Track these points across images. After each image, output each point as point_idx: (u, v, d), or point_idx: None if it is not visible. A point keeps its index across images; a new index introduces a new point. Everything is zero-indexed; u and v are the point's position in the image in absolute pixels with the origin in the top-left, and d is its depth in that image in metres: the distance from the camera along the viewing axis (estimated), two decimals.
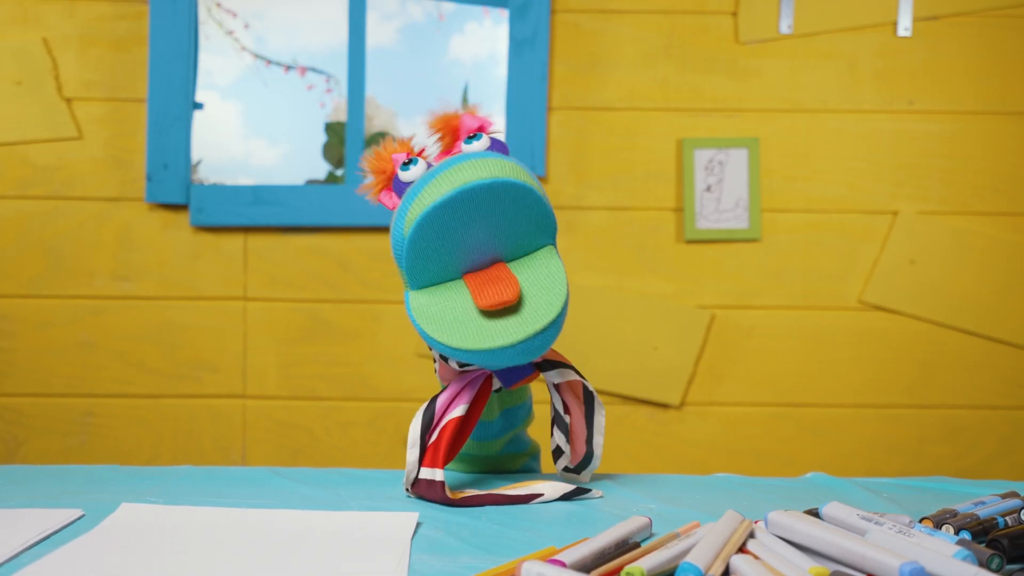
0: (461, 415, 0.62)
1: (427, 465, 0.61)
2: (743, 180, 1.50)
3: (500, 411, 0.69)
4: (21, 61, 1.48)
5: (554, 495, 0.62)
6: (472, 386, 0.63)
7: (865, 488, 0.65)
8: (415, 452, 0.61)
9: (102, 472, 0.67)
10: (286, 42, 1.66)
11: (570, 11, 1.51)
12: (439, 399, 0.63)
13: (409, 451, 0.62)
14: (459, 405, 0.62)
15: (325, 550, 0.48)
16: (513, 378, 0.63)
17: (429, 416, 0.62)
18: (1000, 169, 1.50)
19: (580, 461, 0.66)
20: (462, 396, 0.63)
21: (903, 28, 1.50)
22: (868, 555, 0.40)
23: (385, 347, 1.51)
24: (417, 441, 0.61)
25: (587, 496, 0.63)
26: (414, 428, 0.62)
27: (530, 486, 0.62)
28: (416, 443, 0.61)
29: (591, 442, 0.65)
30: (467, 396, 0.62)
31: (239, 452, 1.50)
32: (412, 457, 0.61)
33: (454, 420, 0.61)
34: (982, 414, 1.51)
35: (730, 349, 1.51)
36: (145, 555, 0.47)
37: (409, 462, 0.62)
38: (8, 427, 1.50)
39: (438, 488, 0.60)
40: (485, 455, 0.72)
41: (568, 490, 0.62)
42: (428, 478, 0.60)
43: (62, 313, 1.50)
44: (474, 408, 0.63)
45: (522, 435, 0.74)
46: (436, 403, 0.63)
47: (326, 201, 1.50)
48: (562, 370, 0.64)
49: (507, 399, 0.69)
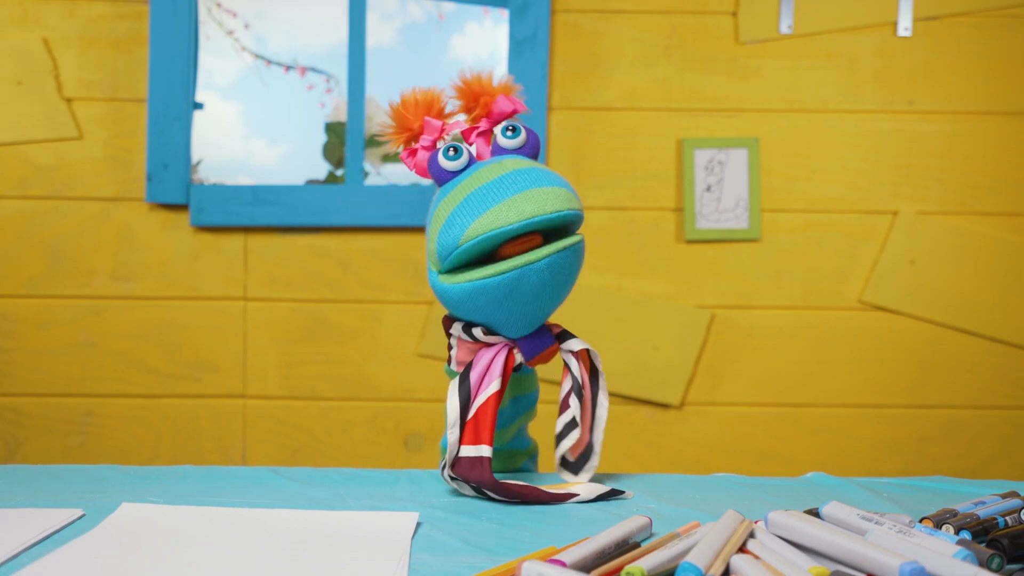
0: (498, 390, 0.62)
1: (469, 443, 0.61)
2: (743, 180, 1.50)
3: (511, 399, 0.69)
4: (21, 61, 1.48)
5: (589, 496, 0.62)
6: (500, 357, 0.63)
7: (865, 488, 0.65)
8: (456, 432, 0.61)
9: (102, 472, 0.67)
10: (286, 42, 1.66)
11: (570, 11, 1.51)
12: (472, 374, 0.63)
13: (450, 431, 0.61)
14: (494, 380, 0.62)
15: (325, 550, 0.48)
16: (535, 347, 0.64)
17: (465, 393, 0.62)
18: (1000, 169, 1.50)
19: (580, 453, 0.65)
20: (493, 369, 0.63)
21: (903, 28, 1.49)
22: (868, 555, 0.40)
23: (385, 347, 1.51)
24: (457, 420, 0.61)
25: (620, 497, 0.62)
26: (452, 407, 0.62)
27: (566, 487, 0.62)
28: (456, 423, 0.61)
29: (592, 433, 0.65)
30: (498, 369, 0.63)
31: (239, 452, 1.50)
32: (453, 437, 0.61)
33: (493, 395, 0.61)
34: (982, 414, 1.51)
35: (730, 349, 1.51)
36: (145, 555, 0.47)
37: (450, 442, 0.61)
38: (8, 427, 1.50)
39: (485, 465, 0.59)
40: (496, 445, 0.71)
41: (602, 491, 0.62)
42: (473, 455, 0.60)
43: (62, 313, 1.50)
44: (503, 383, 0.63)
45: (524, 431, 0.74)
46: (470, 378, 0.62)
47: (326, 201, 1.50)
48: (577, 340, 0.65)
49: (517, 387, 0.69)
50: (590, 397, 0.65)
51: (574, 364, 0.65)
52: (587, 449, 0.65)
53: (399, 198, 1.50)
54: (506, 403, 0.69)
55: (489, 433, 0.60)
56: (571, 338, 0.66)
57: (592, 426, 0.65)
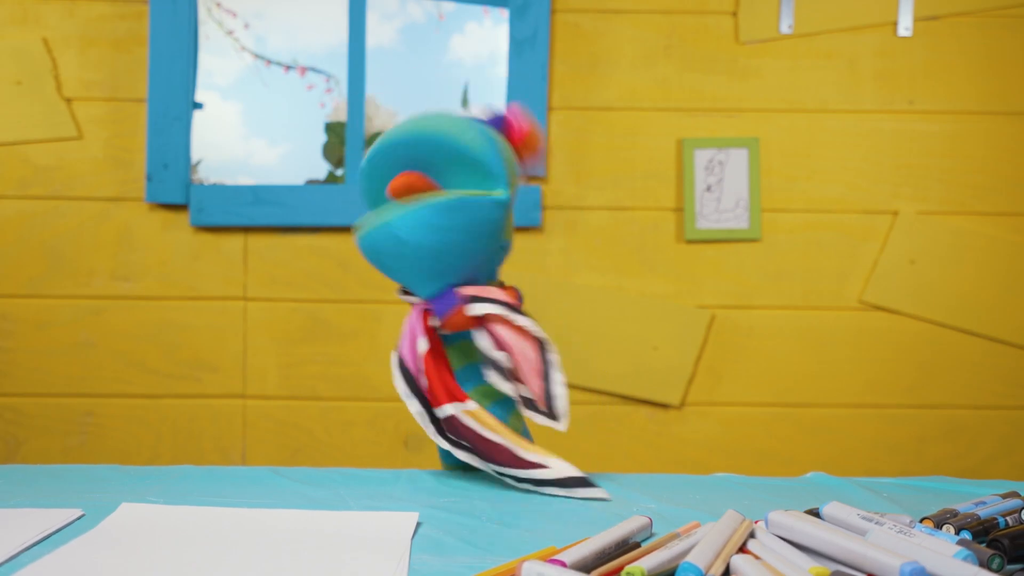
0: (428, 348, 0.63)
1: (447, 402, 0.62)
2: (743, 180, 1.50)
3: (462, 365, 0.68)
4: (21, 61, 1.48)
5: (557, 475, 0.61)
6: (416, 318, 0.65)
7: (865, 488, 0.65)
8: (414, 402, 0.62)
9: (102, 472, 0.67)
10: (286, 42, 1.66)
11: (570, 11, 1.51)
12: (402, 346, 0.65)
13: (408, 403, 0.63)
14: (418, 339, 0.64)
15: (325, 550, 0.48)
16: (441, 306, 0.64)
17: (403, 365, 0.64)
18: (1000, 169, 1.50)
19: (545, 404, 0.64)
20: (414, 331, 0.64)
21: (903, 28, 1.49)
22: (869, 555, 0.40)
23: (385, 347, 1.51)
24: (410, 392, 0.63)
25: (591, 494, 0.62)
26: (399, 383, 0.63)
27: (541, 455, 0.62)
28: (410, 394, 0.63)
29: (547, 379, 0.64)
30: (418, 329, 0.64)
31: (239, 452, 1.50)
32: (414, 408, 0.62)
33: (426, 354, 0.63)
34: (982, 414, 1.51)
35: (730, 349, 1.51)
36: (145, 555, 0.47)
37: (415, 413, 0.62)
38: (8, 427, 1.50)
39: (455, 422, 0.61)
40: None
41: (573, 475, 0.62)
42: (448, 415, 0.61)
43: (62, 313, 1.50)
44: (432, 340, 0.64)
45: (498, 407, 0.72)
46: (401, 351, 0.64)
47: (326, 201, 1.50)
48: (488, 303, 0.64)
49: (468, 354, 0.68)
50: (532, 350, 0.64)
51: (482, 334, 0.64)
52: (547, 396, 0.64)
53: None
54: (458, 365, 0.68)
55: (443, 390, 0.62)
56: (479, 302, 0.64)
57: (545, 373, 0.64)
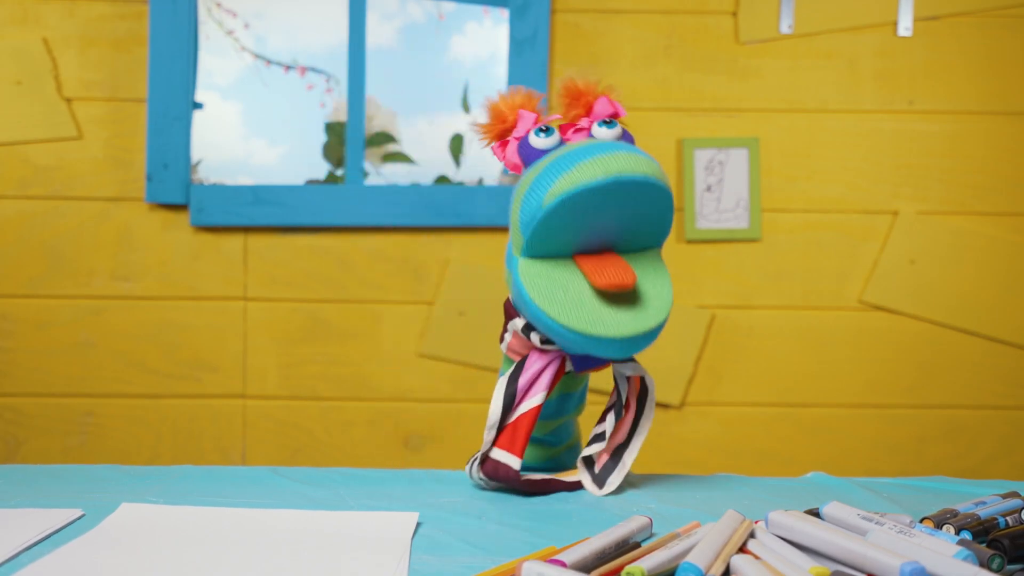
0: (541, 403, 0.61)
1: (503, 448, 0.61)
2: (743, 180, 1.50)
3: (559, 395, 0.68)
4: (21, 61, 1.48)
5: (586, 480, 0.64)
6: (551, 368, 0.62)
7: (865, 488, 0.65)
8: (492, 434, 0.62)
9: (102, 472, 0.67)
10: (286, 42, 1.66)
11: (570, 11, 1.51)
12: (521, 379, 0.62)
13: (487, 431, 0.62)
14: (539, 392, 0.62)
15: (325, 550, 0.48)
16: (589, 364, 0.63)
17: (511, 397, 0.62)
18: (1000, 169, 1.50)
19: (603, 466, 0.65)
20: (542, 380, 0.62)
21: (903, 28, 1.49)
22: (869, 555, 0.40)
23: (385, 347, 1.51)
24: (496, 424, 0.61)
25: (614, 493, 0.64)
26: (495, 411, 0.62)
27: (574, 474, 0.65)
28: (495, 425, 0.61)
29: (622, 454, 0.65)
30: (547, 380, 0.62)
31: (239, 452, 1.50)
32: (489, 437, 0.61)
33: (535, 408, 0.61)
34: (982, 414, 1.51)
35: (730, 349, 1.51)
36: (145, 555, 0.47)
37: (485, 441, 0.62)
38: (8, 427, 1.50)
39: (513, 474, 0.61)
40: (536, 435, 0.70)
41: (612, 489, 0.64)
42: (504, 461, 0.61)
43: (62, 313, 1.50)
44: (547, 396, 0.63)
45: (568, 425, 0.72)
46: (518, 383, 0.62)
47: (326, 201, 1.50)
48: (635, 365, 0.65)
49: (567, 385, 0.68)
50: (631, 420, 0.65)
51: (623, 387, 0.65)
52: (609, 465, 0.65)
53: (399, 198, 1.50)
54: (553, 397, 0.68)
55: (522, 444, 0.61)
56: (628, 361, 0.64)
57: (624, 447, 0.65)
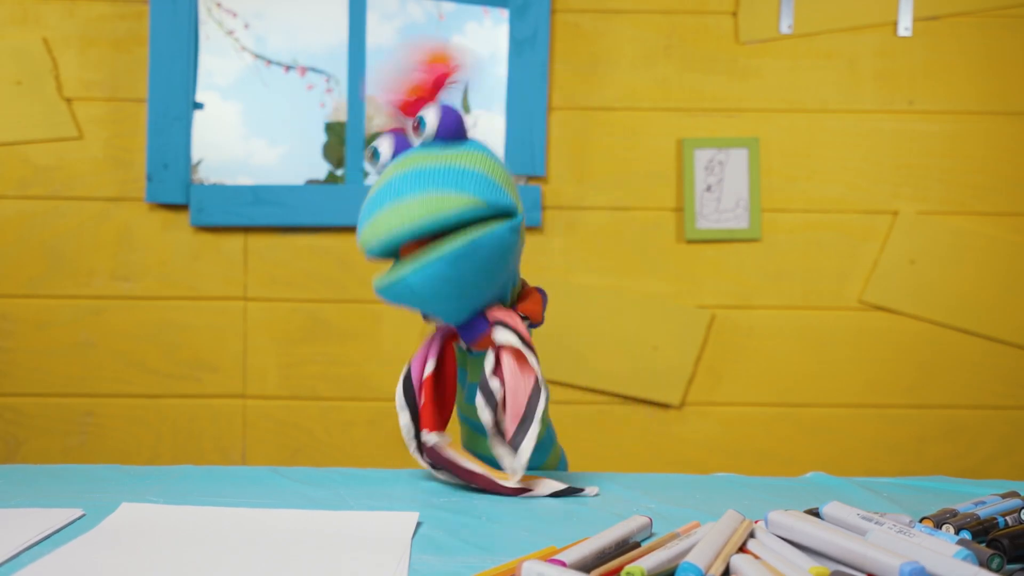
0: (431, 372, 0.65)
1: (425, 427, 0.64)
2: (743, 180, 1.50)
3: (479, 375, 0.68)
4: (21, 61, 1.48)
5: (543, 492, 0.62)
6: (436, 341, 0.66)
7: (865, 488, 0.65)
8: (405, 415, 0.65)
9: (102, 472, 0.67)
10: (286, 42, 1.66)
11: (570, 11, 1.51)
12: (414, 361, 0.66)
13: (400, 414, 0.65)
14: (428, 361, 0.65)
15: (325, 550, 0.48)
16: (470, 333, 0.65)
17: (408, 380, 0.65)
18: (1000, 169, 1.50)
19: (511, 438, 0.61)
20: (430, 353, 0.66)
21: (903, 28, 1.49)
22: (868, 555, 0.40)
23: (385, 347, 1.51)
24: (404, 405, 0.65)
25: (582, 495, 0.62)
26: (398, 394, 0.65)
27: (526, 481, 0.62)
28: (404, 407, 0.65)
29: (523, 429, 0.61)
30: (433, 351, 0.66)
31: (239, 452, 1.50)
32: (403, 420, 0.65)
33: (428, 379, 0.65)
34: (982, 414, 1.51)
35: (730, 349, 1.51)
36: (145, 555, 0.47)
37: (402, 426, 0.65)
38: (8, 427, 1.50)
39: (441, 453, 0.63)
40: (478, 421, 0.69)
41: (559, 488, 0.62)
42: (426, 441, 0.64)
43: (62, 313, 1.50)
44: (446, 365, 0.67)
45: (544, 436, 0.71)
46: (412, 366, 0.66)
47: (326, 201, 1.50)
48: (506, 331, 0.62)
49: None
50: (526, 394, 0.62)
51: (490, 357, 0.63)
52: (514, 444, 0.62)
53: None
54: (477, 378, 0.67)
55: (430, 417, 0.64)
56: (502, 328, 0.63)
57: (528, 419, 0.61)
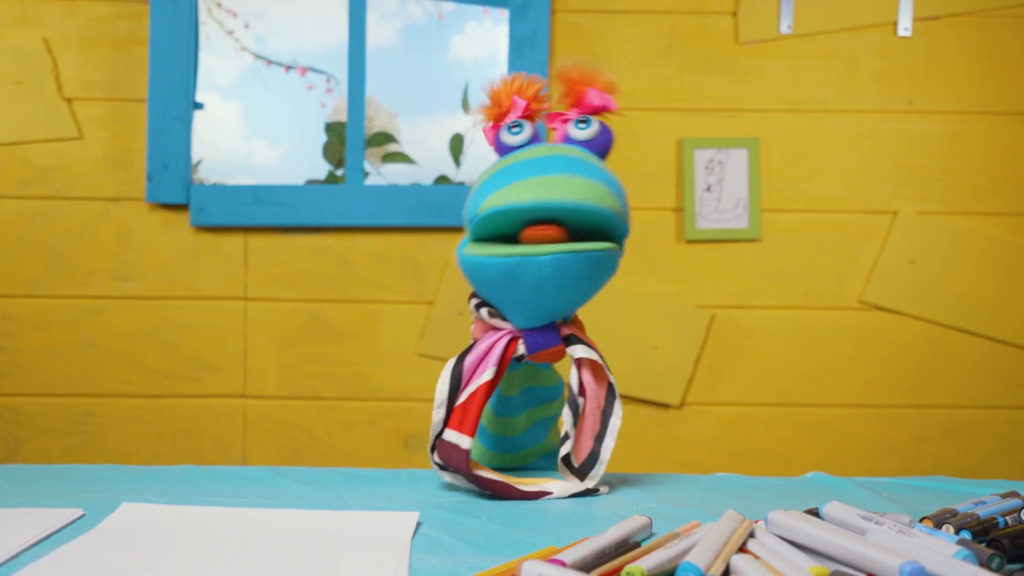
0: (490, 379, 0.61)
1: (453, 427, 0.60)
2: (743, 180, 1.50)
3: (521, 388, 0.68)
4: (21, 61, 1.48)
5: (562, 494, 0.61)
6: (499, 345, 0.62)
7: (865, 488, 0.65)
8: (441, 412, 0.61)
9: (102, 472, 0.67)
10: (286, 42, 1.66)
11: (570, 11, 1.51)
12: (467, 359, 0.62)
13: (436, 411, 0.61)
14: (488, 368, 0.61)
15: (325, 550, 0.48)
16: (539, 343, 0.62)
17: (457, 377, 0.61)
18: (1000, 169, 1.50)
19: (584, 461, 0.63)
20: (490, 357, 0.62)
21: (903, 28, 1.50)
22: (868, 555, 0.40)
23: (385, 347, 1.51)
24: (444, 402, 0.61)
25: (597, 495, 0.62)
26: (441, 389, 0.61)
27: (540, 483, 0.62)
28: (443, 404, 0.61)
29: (600, 442, 0.63)
30: (495, 357, 0.61)
31: (239, 452, 1.50)
32: (438, 417, 0.61)
33: (484, 385, 0.60)
34: (982, 414, 1.51)
35: (730, 349, 1.51)
36: (145, 555, 0.47)
37: (435, 422, 0.61)
38: (8, 427, 1.50)
39: (462, 455, 0.59)
40: (504, 435, 0.70)
41: (576, 490, 0.62)
42: (454, 442, 0.60)
43: (62, 313, 1.50)
44: (499, 373, 0.62)
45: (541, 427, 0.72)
46: (464, 363, 0.62)
47: (326, 201, 1.50)
48: (587, 348, 0.63)
49: (530, 378, 0.68)
50: (599, 406, 0.64)
51: (574, 373, 0.63)
52: (591, 457, 0.64)
53: (399, 198, 1.50)
54: (515, 391, 0.68)
55: (473, 423, 0.60)
56: (579, 343, 0.64)
57: (601, 435, 0.64)
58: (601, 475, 0.63)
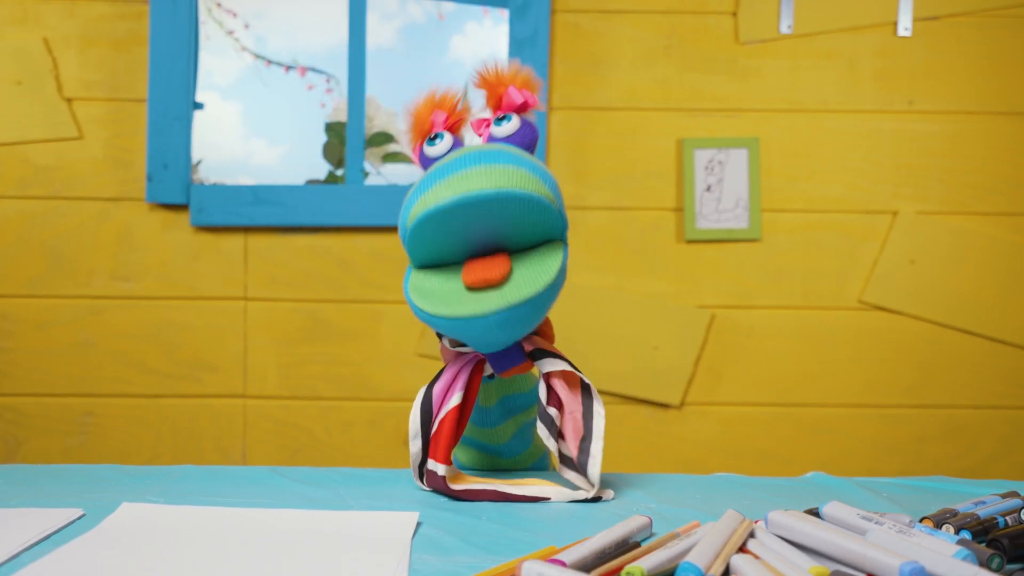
0: (458, 404, 0.62)
1: (431, 457, 0.62)
2: (743, 180, 1.50)
3: (498, 398, 0.68)
4: (21, 61, 1.48)
5: (562, 499, 0.61)
6: (465, 371, 0.63)
7: (865, 488, 0.65)
8: (417, 443, 0.62)
9: (102, 472, 0.67)
10: (286, 42, 1.66)
11: (570, 11, 1.51)
12: (435, 387, 0.63)
13: (412, 442, 0.62)
14: (455, 394, 0.62)
15: (325, 550, 0.48)
16: (504, 364, 0.63)
17: (427, 406, 0.62)
18: (1000, 169, 1.50)
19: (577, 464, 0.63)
20: (456, 383, 0.62)
21: (903, 28, 1.50)
22: (868, 555, 0.40)
23: (385, 347, 1.51)
24: (419, 433, 0.62)
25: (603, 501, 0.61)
26: (414, 420, 0.62)
27: (537, 487, 0.62)
28: (418, 435, 0.62)
29: (588, 445, 0.62)
30: (461, 382, 0.62)
31: (239, 452, 1.50)
32: (415, 448, 0.62)
33: (452, 411, 0.61)
34: (982, 414, 1.51)
35: (730, 349, 1.51)
36: (145, 555, 0.47)
37: (412, 453, 0.62)
38: (8, 427, 1.50)
39: (439, 481, 0.61)
40: (491, 444, 0.70)
41: (576, 497, 0.61)
42: (431, 469, 0.61)
43: (62, 313, 1.50)
44: (469, 395, 0.63)
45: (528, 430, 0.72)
46: (433, 392, 0.63)
47: (326, 201, 1.50)
48: (553, 359, 0.62)
49: (506, 387, 0.68)
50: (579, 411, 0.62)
51: (542, 386, 0.62)
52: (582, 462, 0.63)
53: (399, 198, 1.50)
54: (493, 402, 0.68)
55: (445, 450, 0.61)
56: (545, 357, 0.62)
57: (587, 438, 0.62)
58: (598, 476, 0.62)
